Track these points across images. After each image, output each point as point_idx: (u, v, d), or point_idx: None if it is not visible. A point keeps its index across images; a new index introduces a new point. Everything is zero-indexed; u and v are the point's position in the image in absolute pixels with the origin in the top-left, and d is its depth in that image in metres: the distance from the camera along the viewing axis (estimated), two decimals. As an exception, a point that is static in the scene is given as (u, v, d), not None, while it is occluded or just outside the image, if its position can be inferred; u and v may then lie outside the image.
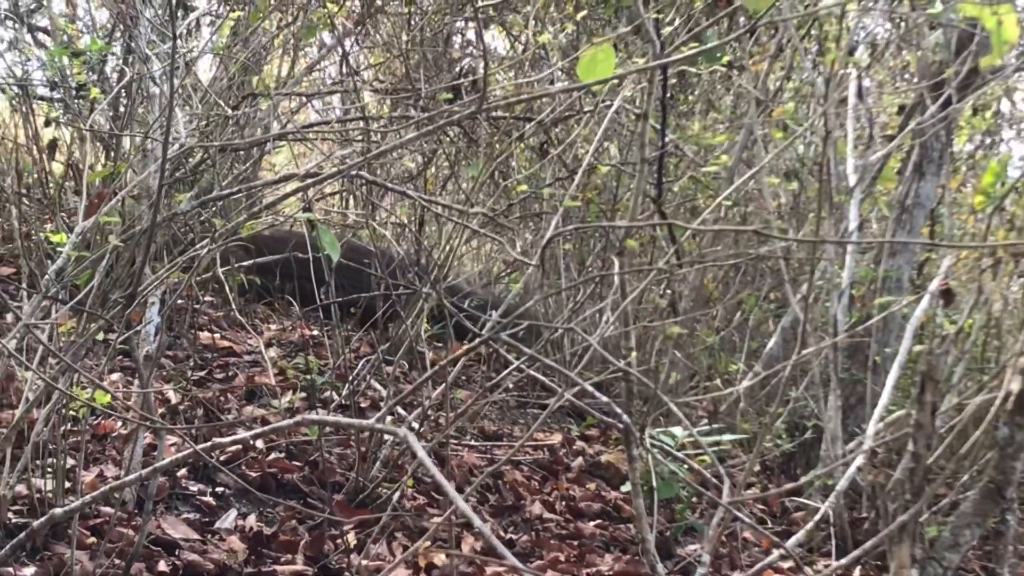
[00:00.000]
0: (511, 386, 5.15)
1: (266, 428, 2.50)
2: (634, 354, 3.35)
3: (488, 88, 3.06)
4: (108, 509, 3.32)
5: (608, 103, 4.46)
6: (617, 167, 5.19)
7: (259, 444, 3.99)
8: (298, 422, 2.45)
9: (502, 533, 3.95)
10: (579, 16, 4.98)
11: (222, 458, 3.86)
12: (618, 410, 2.59)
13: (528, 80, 4.48)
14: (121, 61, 5.37)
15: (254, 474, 3.84)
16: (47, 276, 3.19)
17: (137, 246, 3.35)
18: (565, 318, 3.78)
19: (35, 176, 5.33)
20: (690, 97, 6.49)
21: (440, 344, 5.51)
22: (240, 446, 3.88)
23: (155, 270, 3.47)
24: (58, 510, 2.78)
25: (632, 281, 4.21)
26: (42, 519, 2.82)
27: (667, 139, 4.66)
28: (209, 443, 2.63)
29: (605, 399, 2.61)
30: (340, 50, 5.82)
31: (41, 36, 6.65)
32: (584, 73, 2.89)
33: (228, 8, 5.01)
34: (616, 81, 4.12)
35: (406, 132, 4.07)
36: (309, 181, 3.22)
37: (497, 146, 4.52)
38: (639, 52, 5.31)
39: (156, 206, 3.05)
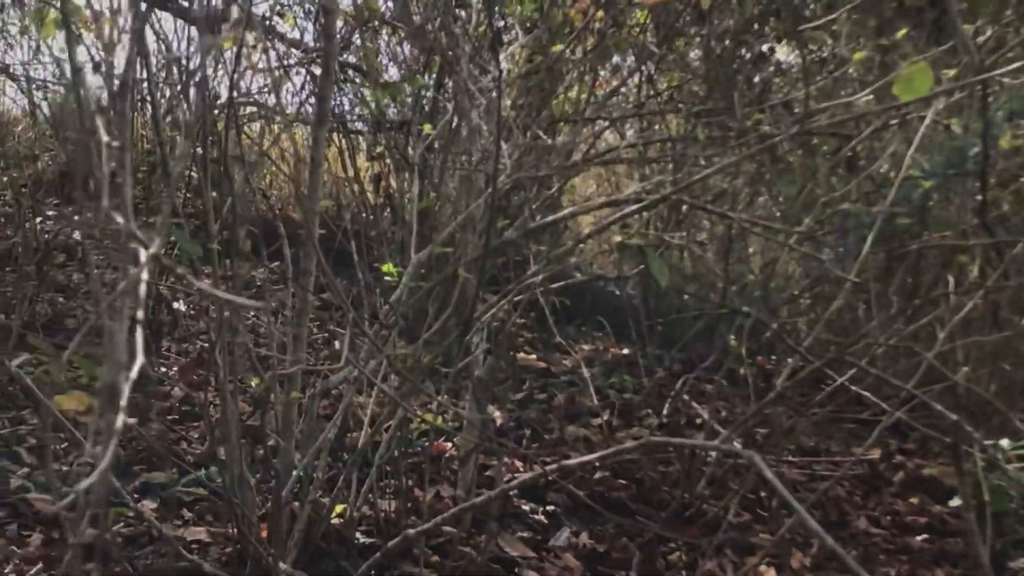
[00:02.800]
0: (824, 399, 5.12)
1: (611, 450, 2.58)
2: (964, 369, 3.33)
3: (806, 108, 3.08)
4: (449, 529, 3.46)
5: (916, 115, 4.40)
6: (935, 180, 5.10)
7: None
8: (642, 443, 2.52)
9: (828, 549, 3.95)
10: (899, 35, 4.92)
11: (547, 478, 3.97)
12: (967, 427, 2.58)
13: (839, 102, 4.46)
14: (432, 95, 5.55)
15: (582, 492, 3.94)
16: (386, 306, 3.34)
17: (468, 275, 3.47)
18: (891, 334, 3.75)
19: (356, 209, 5.57)
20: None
21: (750, 361, 5.52)
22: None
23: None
24: (411, 531, 2.90)
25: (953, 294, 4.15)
26: (396, 539, 2.94)
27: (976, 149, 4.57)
28: (556, 465, 2.71)
29: (953, 416, 2.60)
30: (641, 72, 5.88)
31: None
32: (902, 91, 2.88)
33: (531, 38, 5.12)
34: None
35: (715, 153, 4.12)
36: (633, 207, 3.29)
37: (810, 164, 4.51)
38: (941, 63, 5.22)
39: (488, 235, 3.17)
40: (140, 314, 0.98)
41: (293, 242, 3.12)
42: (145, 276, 0.95)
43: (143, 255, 0.95)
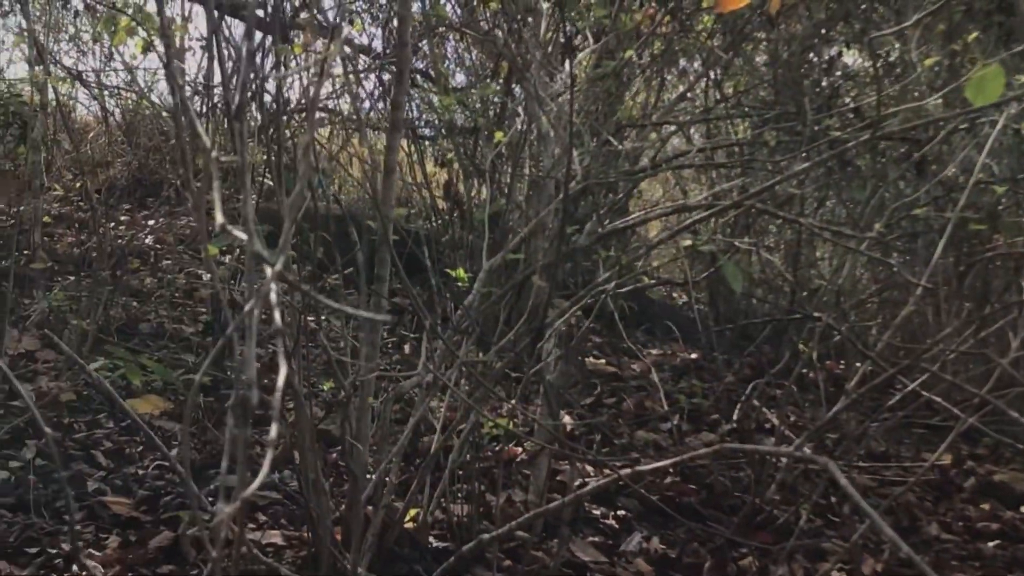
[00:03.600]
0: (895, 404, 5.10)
1: (684, 455, 2.59)
2: (1038, 374, 3.31)
3: (878, 113, 3.07)
4: (521, 533, 3.47)
5: (986, 120, 4.38)
6: (1006, 185, 5.07)
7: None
8: (717, 450, 2.53)
9: (900, 555, 3.93)
10: (970, 38, 4.90)
11: (620, 483, 3.98)
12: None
13: (910, 107, 4.45)
14: (500, 101, 5.57)
15: (653, 497, 3.94)
16: (459, 311, 3.36)
17: (541, 281, 3.49)
18: (963, 340, 3.74)
19: (425, 214, 5.62)
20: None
21: (820, 366, 5.51)
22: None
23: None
24: (485, 535, 2.93)
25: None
26: (470, 544, 2.97)
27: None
28: (631, 470, 2.73)
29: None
30: (707, 77, 5.88)
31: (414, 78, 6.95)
32: (973, 95, 2.86)
33: (602, 44, 5.13)
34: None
35: (785, 158, 4.12)
36: (705, 213, 3.30)
37: (879, 168, 4.50)
38: (1010, 67, 5.18)
39: (560, 240, 3.19)
40: (279, 322, 1.00)
41: (364, 247, 3.15)
42: (273, 294, 0.97)
43: (268, 271, 0.97)
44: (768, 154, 4.68)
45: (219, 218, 1.03)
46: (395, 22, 5.76)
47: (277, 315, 1.01)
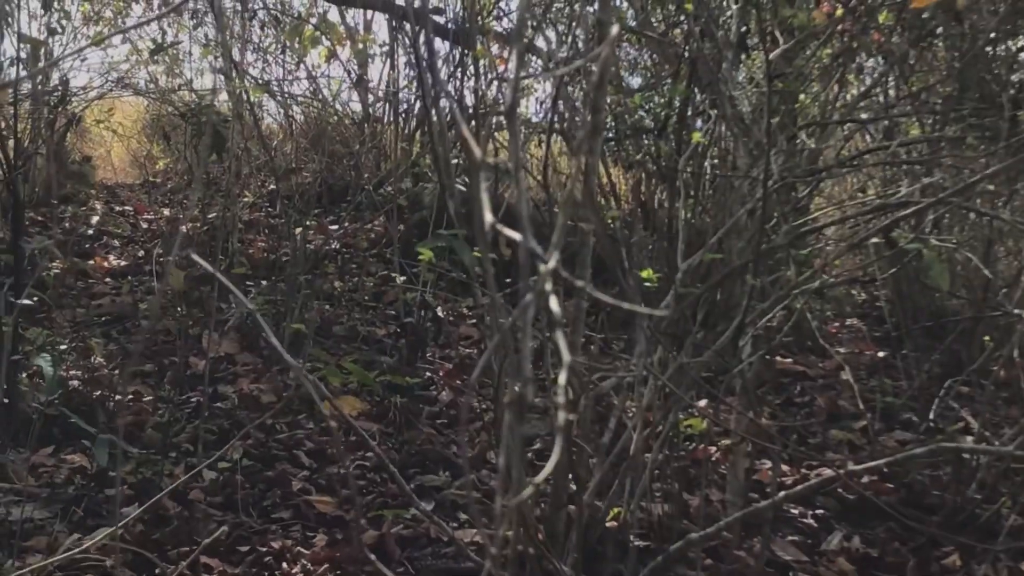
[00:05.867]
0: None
1: (899, 455, 2.59)
2: None
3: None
4: (724, 532, 3.47)
5: None
6: None
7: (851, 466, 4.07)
8: (933, 449, 2.52)
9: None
10: None
11: (814, 482, 3.96)
12: None
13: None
14: (680, 102, 5.57)
15: (850, 496, 3.93)
16: (659, 310, 3.38)
17: (736, 281, 3.50)
18: None
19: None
20: None
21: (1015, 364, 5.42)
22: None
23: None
24: (694, 535, 2.94)
25: None
26: (678, 543, 2.99)
27: None
28: (844, 470, 2.73)
29: None
30: (889, 74, 5.81)
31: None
32: None
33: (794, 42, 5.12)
34: None
35: (981, 154, 4.06)
36: (905, 212, 3.28)
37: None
38: None
39: (759, 239, 3.20)
40: (557, 309, 1.04)
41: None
42: (550, 288, 1.01)
43: (542, 269, 1.01)
44: (959, 150, 4.61)
45: (488, 218, 1.07)
46: (574, 26, 5.81)
47: (555, 304, 1.05)
